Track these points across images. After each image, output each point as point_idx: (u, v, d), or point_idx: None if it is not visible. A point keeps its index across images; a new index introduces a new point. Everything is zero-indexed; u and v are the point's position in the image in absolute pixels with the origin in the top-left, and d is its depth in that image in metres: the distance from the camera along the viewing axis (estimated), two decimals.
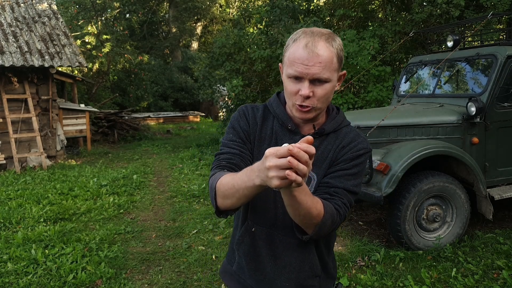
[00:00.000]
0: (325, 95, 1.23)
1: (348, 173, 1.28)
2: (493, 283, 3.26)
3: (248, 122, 1.36)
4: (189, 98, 21.41)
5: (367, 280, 3.34)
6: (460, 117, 4.09)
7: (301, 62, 1.19)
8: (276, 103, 1.38)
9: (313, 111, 1.25)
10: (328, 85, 1.23)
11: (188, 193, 6.24)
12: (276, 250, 1.34)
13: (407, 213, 3.80)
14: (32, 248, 4.09)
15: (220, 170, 1.24)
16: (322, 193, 1.24)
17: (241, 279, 1.44)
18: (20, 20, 9.49)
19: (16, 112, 8.71)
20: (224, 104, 10.26)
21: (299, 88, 1.22)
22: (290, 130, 1.33)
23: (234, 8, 23.54)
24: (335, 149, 1.31)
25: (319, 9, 10.15)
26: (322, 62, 1.18)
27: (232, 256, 1.48)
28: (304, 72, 1.19)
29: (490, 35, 7.89)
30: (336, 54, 1.22)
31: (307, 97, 1.21)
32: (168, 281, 3.52)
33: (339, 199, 1.24)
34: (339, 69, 1.27)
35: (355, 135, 1.34)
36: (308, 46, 1.19)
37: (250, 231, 1.37)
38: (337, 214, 1.21)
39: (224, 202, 1.15)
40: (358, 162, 1.29)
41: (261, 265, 1.37)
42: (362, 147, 1.31)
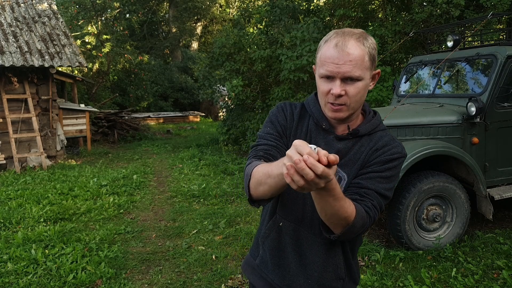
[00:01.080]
0: (357, 94, 1.23)
1: (380, 175, 1.25)
2: (493, 283, 3.26)
3: (286, 118, 1.37)
4: (189, 98, 21.41)
5: (367, 280, 3.34)
6: (460, 117, 4.09)
7: (332, 61, 1.20)
8: (313, 102, 1.38)
9: (345, 110, 1.25)
10: (360, 84, 1.22)
11: (188, 193, 6.24)
12: (301, 247, 1.35)
13: (407, 213, 3.80)
14: (32, 248, 4.09)
15: (257, 159, 1.25)
16: (352, 193, 1.22)
17: (263, 273, 1.43)
18: (20, 20, 9.49)
19: (16, 112, 8.70)
20: (224, 104, 10.26)
21: (330, 87, 1.23)
22: (325, 130, 1.33)
23: (234, 8, 23.54)
24: (368, 151, 1.30)
25: (319, 9, 10.15)
26: (353, 61, 1.19)
27: (256, 249, 1.48)
28: (335, 71, 1.20)
29: (490, 35, 7.89)
30: (367, 53, 1.22)
31: (338, 95, 1.21)
32: (168, 281, 3.52)
33: (369, 201, 1.21)
34: (372, 67, 1.26)
35: (390, 139, 1.32)
36: (338, 45, 1.20)
37: (278, 225, 1.37)
38: (367, 217, 1.18)
39: (257, 189, 1.16)
40: (391, 165, 1.27)
41: (285, 261, 1.37)
42: (396, 151, 1.28)
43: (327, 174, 0.89)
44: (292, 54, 7.78)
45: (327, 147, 1.30)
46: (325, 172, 0.88)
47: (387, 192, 1.26)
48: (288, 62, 7.66)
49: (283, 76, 7.78)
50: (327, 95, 1.25)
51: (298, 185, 0.90)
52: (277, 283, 1.40)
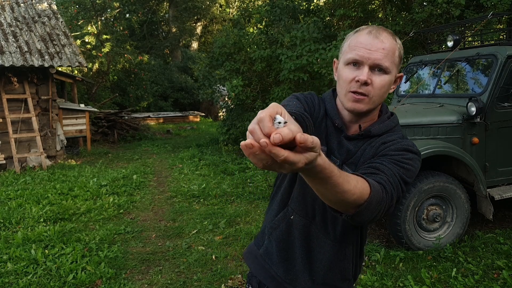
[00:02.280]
0: (382, 87, 1.18)
1: (396, 159, 1.13)
2: (493, 283, 3.26)
3: (314, 106, 1.29)
4: (189, 98, 21.40)
5: (367, 280, 3.33)
6: (460, 117, 4.09)
7: (364, 46, 1.16)
8: (329, 98, 1.33)
9: (366, 102, 1.18)
10: (387, 77, 1.18)
11: (188, 193, 6.24)
12: (310, 244, 1.32)
13: (407, 213, 3.80)
14: (32, 248, 4.08)
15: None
16: (365, 168, 1.11)
17: (267, 264, 1.39)
18: (20, 20, 9.49)
19: (16, 112, 8.70)
20: (224, 104, 10.26)
21: (356, 74, 1.17)
22: (337, 128, 1.28)
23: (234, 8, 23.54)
24: (374, 145, 1.23)
25: (319, 9, 10.15)
26: (385, 49, 1.16)
27: (262, 239, 1.43)
28: (366, 56, 1.15)
29: (490, 35, 7.89)
30: (398, 49, 1.20)
31: (364, 83, 1.15)
32: (168, 281, 3.51)
33: (385, 176, 1.06)
34: (399, 66, 1.22)
35: (400, 137, 1.25)
36: (372, 33, 1.17)
37: (289, 218, 1.33)
38: (383, 191, 1.02)
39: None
40: (407, 155, 1.15)
41: (292, 255, 1.34)
42: (408, 145, 1.19)
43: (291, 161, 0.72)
44: (292, 54, 7.78)
45: (339, 147, 1.26)
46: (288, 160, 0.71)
47: (405, 177, 1.11)
48: (288, 62, 7.65)
49: (283, 76, 7.77)
50: (350, 82, 1.18)
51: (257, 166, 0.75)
52: (280, 276, 1.37)
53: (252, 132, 0.73)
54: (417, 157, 1.19)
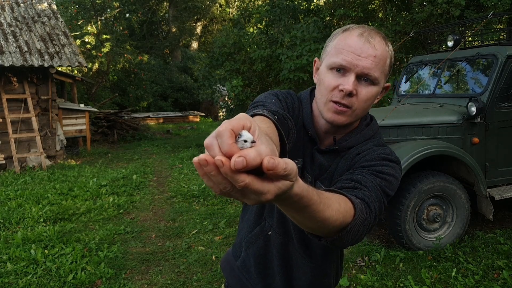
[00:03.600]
0: (368, 99, 1.04)
1: (376, 170, 1.00)
2: (494, 283, 3.25)
3: (294, 110, 1.13)
4: (189, 98, 21.40)
5: (367, 281, 3.33)
6: (461, 117, 4.09)
7: (353, 50, 1.00)
8: (305, 101, 1.16)
9: (348, 115, 1.04)
10: (374, 89, 1.04)
11: (188, 193, 6.23)
12: (289, 262, 1.22)
13: (407, 213, 3.79)
14: (31, 248, 4.08)
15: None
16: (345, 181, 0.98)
17: (244, 277, 1.32)
18: (20, 20, 9.48)
19: (15, 112, 8.69)
20: (224, 104, 10.26)
21: (340, 82, 1.02)
22: (310, 138, 1.12)
23: (234, 8, 23.53)
24: (347, 157, 1.11)
25: (319, 9, 10.15)
26: (377, 57, 1.00)
27: (239, 249, 1.34)
28: (354, 63, 1.00)
29: (491, 35, 7.89)
30: (389, 57, 1.05)
31: (349, 93, 1.01)
32: (168, 281, 3.51)
33: (367, 191, 0.94)
34: (387, 76, 1.08)
35: (376, 145, 1.12)
36: (364, 36, 1.01)
37: (266, 233, 1.22)
38: (366, 210, 0.90)
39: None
40: (384, 167, 1.02)
41: (270, 272, 1.27)
42: (385, 153, 1.06)
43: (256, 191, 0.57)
44: (292, 54, 7.77)
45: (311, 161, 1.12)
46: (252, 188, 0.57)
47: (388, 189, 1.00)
48: (288, 61, 7.65)
49: (283, 75, 7.77)
50: (333, 90, 1.03)
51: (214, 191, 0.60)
52: None
53: (209, 147, 0.57)
54: (397, 166, 1.06)
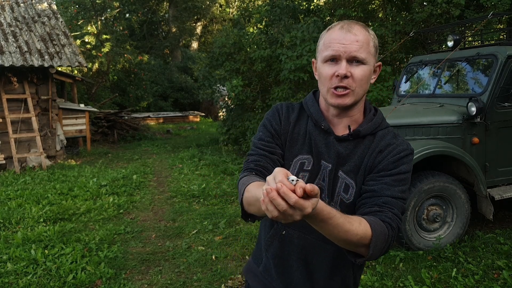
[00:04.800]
0: (362, 77, 1.19)
1: (393, 179, 1.18)
2: (494, 283, 3.25)
3: (281, 122, 1.30)
4: (189, 98, 21.40)
5: (367, 280, 3.33)
6: (461, 117, 4.09)
7: (338, 41, 1.17)
8: (311, 101, 1.32)
9: (350, 95, 1.19)
10: (365, 67, 1.19)
11: (188, 193, 6.23)
12: (307, 255, 1.29)
13: (407, 213, 3.79)
14: (31, 248, 4.08)
15: (248, 173, 1.21)
16: (371, 205, 1.16)
17: (267, 281, 1.38)
18: (20, 20, 9.48)
19: (15, 112, 8.70)
20: (224, 104, 10.25)
21: (335, 69, 1.18)
22: (323, 130, 1.26)
23: (234, 8, 23.53)
24: (371, 154, 1.23)
25: (319, 9, 10.15)
26: (359, 41, 1.17)
27: (260, 256, 1.41)
28: (341, 50, 1.17)
29: (491, 35, 7.88)
30: (372, 40, 1.21)
31: (344, 76, 1.16)
32: (168, 281, 3.51)
33: (389, 211, 1.14)
34: (375, 56, 1.24)
35: (392, 137, 1.26)
36: (344, 28, 1.19)
37: (280, 234, 1.31)
38: (389, 229, 1.10)
39: (249, 208, 1.13)
40: (402, 166, 1.20)
41: (289, 270, 1.32)
42: (402, 149, 1.22)
43: (301, 206, 0.84)
44: (292, 54, 7.77)
45: (328, 150, 1.25)
46: (299, 204, 0.83)
47: (404, 194, 1.19)
48: (288, 62, 7.65)
49: (283, 76, 7.77)
50: (331, 79, 1.19)
51: (272, 215, 0.86)
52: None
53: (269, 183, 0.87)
54: (411, 157, 1.22)
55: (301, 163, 1.26)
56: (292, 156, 1.27)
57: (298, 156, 1.27)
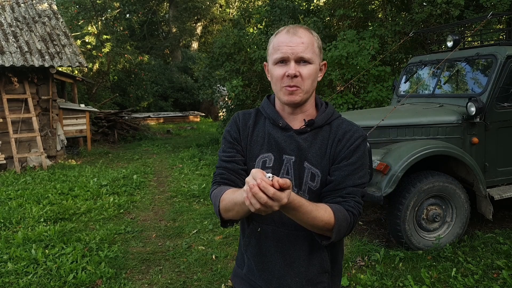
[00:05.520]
0: (310, 76, 1.30)
1: (353, 167, 1.32)
2: (493, 283, 3.26)
3: (239, 130, 1.42)
4: (189, 98, 21.41)
5: (367, 280, 3.34)
6: (460, 117, 4.10)
7: (286, 44, 1.29)
8: (266, 104, 1.44)
9: (300, 93, 1.31)
10: (312, 67, 1.31)
11: (188, 193, 6.24)
12: (284, 247, 1.37)
13: (407, 213, 3.80)
14: (32, 248, 4.09)
15: (217, 185, 1.36)
16: (336, 196, 1.30)
17: (251, 281, 1.44)
18: (20, 20, 9.50)
19: (16, 112, 8.71)
20: (224, 104, 10.27)
21: (285, 70, 1.29)
22: (282, 128, 1.37)
23: (234, 8, 23.54)
24: (332, 143, 1.35)
25: (319, 9, 10.16)
26: (304, 43, 1.29)
27: (242, 259, 1.49)
28: (289, 52, 1.28)
29: (490, 35, 7.89)
30: (316, 41, 1.33)
31: (294, 75, 1.28)
32: (168, 281, 3.52)
33: (351, 199, 1.30)
34: (320, 56, 1.35)
35: (347, 125, 1.38)
36: (290, 31, 1.30)
37: (256, 231, 1.39)
38: (350, 216, 1.27)
39: (226, 214, 1.27)
40: (359, 153, 1.34)
41: (270, 264, 1.39)
42: (358, 136, 1.35)
43: (278, 197, 1.01)
44: None
45: (289, 142, 1.35)
46: (276, 195, 1.00)
47: (363, 179, 1.34)
48: None
49: None
50: (282, 79, 1.30)
51: (255, 207, 1.02)
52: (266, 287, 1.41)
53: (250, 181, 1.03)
54: (365, 142, 1.36)
55: (263, 161, 1.36)
56: (255, 156, 1.38)
57: (259, 155, 1.37)
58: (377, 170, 3.78)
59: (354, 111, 6.54)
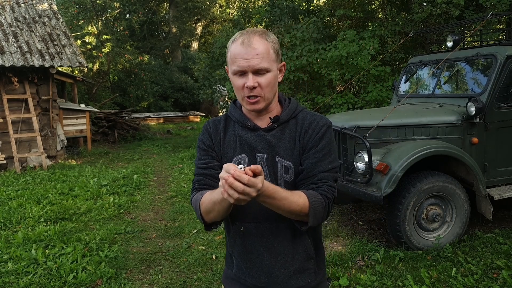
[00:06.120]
0: (268, 84, 1.34)
1: (321, 154, 1.37)
2: (493, 283, 3.26)
3: (211, 137, 1.47)
4: (189, 98, 21.40)
5: (367, 280, 3.34)
6: (460, 117, 4.10)
7: (241, 57, 1.31)
8: (233, 109, 1.49)
9: (261, 101, 1.35)
10: (269, 75, 1.34)
11: (188, 193, 6.24)
12: (268, 241, 1.41)
13: (406, 213, 3.80)
14: (32, 248, 4.09)
15: (196, 191, 1.41)
16: (309, 183, 1.35)
17: (241, 279, 1.48)
18: (21, 20, 9.50)
19: (16, 112, 8.71)
20: (224, 104, 10.27)
21: (244, 81, 1.33)
22: (250, 128, 1.42)
23: (234, 8, 23.55)
24: (299, 135, 1.40)
25: (319, 9, 10.17)
26: (259, 54, 1.30)
27: (230, 260, 1.52)
28: (246, 66, 1.31)
29: (490, 35, 7.89)
30: (271, 47, 1.35)
31: (252, 87, 1.32)
32: (168, 281, 3.52)
33: (324, 184, 1.34)
34: (277, 60, 1.38)
35: (311, 116, 1.43)
36: (244, 43, 1.31)
37: (239, 231, 1.43)
38: (325, 199, 1.32)
39: (208, 216, 1.32)
40: (325, 139, 1.39)
41: (257, 260, 1.42)
42: (322, 124, 1.40)
43: (253, 183, 1.07)
44: (292, 54, 7.79)
45: (259, 140, 1.40)
46: (251, 181, 1.07)
47: (333, 163, 1.39)
48: (288, 62, 7.66)
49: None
50: (242, 89, 1.34)
51: (234, 197, 1.07)
52: (255, 284, 1.44)
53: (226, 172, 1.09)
54: (330, 129, 1.42)
55: (237, 162, 1.41)
56: (229, 159, 1.42)
57: (234, 158, 1.42)
58: (377, 170, 3.78)
59: (354, 111, 6.55)
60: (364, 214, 5.09)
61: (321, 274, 1.50)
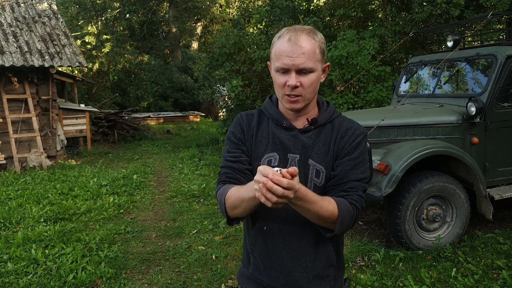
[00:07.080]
0: (311, 85, 1.31)
1: (355, 162, 1.35)
2: (493, 283, 3.26)
3: (243, 131, 1.43)
4: (189, 98, 21.40)
5: (367, 280, 3.34)
6: (460, 117, 4.09)
7: (286, 54, 1.28)
8: (269, 105, 1.46)
9: (301, 101, 1.33)
10: (313, 75, 1.31)
11: (188, 193, 6.24)
12: (291, 243, 1.38)
13: (407, 213, 3.80)
14: (32, 248, 4.09)
15: (222, 184, 1.38)
16: (339, 190, 1.33)
17: (258, 279, 1.46)
18: (20, 20, 9.50)
19: (16, 112, 8.71)
20: (224, 104, 10.26)
21: (286, 79, 1.30)
22: (285, 127, 1.39)
23: (234, 8, 23.54)
24: (335, 140, 1.38)
25: (319, 9, 10.16)
26: (305, 53, 1.27)
27: (247, 259, 1.51)
28: (290, 64, 1.27)
29: (490, 35, 7.89)
30: (318, 46, 1.31)
31: (294, 86, 1.29)
32: (168, 281, 3.52)
33: (354, 193, 1.32)
34: (323, 60, 1.35)
35: (349, 123, 1.41)
36: (291, 40, 1.28)
37: (262, 230, 1.41)
38: (354, 209, 1.29)
39: (233, 212, 1.29)
40: (361, 149, 1.37)
41: (277, 261, 1.40)
42: (359, 133, 1.38)
43: (292, 185, 1.05)
44: None
45: (294, 141, 1.38)
46: (290, 184, 1.04)
47: (365, 173, 1.37)
48: None
49: None
50: (283, 87, 1.31)
51: (272, 201, 1.04)
52: (272, 285, 1.42)
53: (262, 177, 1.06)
54: (366, 138, 1.40)
55: (268, 160, 1.38)
56: (260, 156, 1.40)
57: (264, 155, 1.39)
58: (377, 170, 3.78)
59: (354, 111, 6.54)
60: (364, 214, 5.08)
61: (339, 282, 1.48)
